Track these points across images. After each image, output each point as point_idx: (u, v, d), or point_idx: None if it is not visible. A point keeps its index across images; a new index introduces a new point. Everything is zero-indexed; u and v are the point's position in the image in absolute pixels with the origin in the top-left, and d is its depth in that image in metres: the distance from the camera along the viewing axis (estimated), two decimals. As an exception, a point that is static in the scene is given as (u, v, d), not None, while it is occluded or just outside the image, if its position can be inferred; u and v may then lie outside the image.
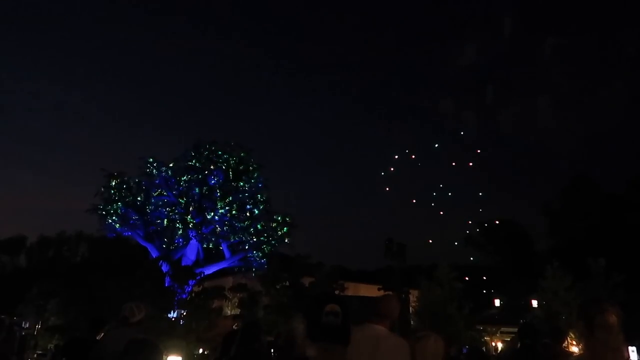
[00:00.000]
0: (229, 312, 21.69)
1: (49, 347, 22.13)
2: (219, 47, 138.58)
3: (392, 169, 29.24)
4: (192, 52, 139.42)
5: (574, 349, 13.62)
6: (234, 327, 11.03)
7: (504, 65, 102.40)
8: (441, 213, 29.70)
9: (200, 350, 15.63)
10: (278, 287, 20.71)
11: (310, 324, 2.34)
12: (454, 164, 30.16)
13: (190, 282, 18.24)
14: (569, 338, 15.01)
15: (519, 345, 5.87)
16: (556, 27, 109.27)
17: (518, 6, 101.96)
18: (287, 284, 21.00)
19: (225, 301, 20.78)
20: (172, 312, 16.89)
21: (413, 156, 28.64)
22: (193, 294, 17.17)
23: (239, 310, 20.18)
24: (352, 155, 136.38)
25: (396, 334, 3.93)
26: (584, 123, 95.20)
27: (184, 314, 16.51)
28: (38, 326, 28.58)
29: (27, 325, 30.61)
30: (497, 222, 42.07)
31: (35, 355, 20.65)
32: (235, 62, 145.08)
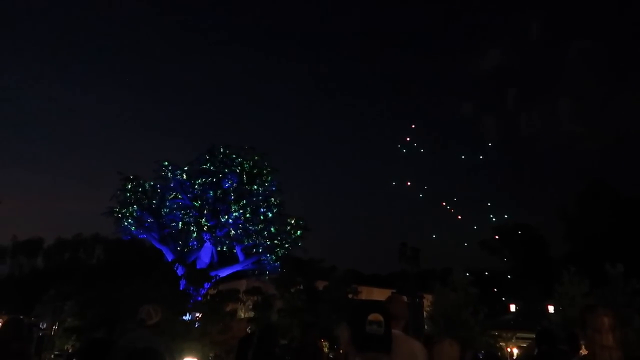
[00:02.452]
0: (242, 315, 21.76)
1: (65, 348, 22.41)
2: (233, 51, 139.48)
3: (407, 139, 29.02)
4: (207, 55, 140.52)
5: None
6: (247, 330, 11.07)
7: (524, 68, 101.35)
8: (459, 217, 29.48)
9: (214, 353, 15.67)
10: (292, 290, 20.69)
11: (354, 333, 2.41)
12: (463, 157, 29.95)
13: (206, 285, 18.35)
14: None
15: (536, 351, 5.81)
16: (577, 31, 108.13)
17: (541, 10, 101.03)
18: (301, 287, 20.99)
19: (240, 304, 20.87)
20: (187, 314, 17.01)
21: (422, 148, 28.38)
22: (208, 297, 17.27)
23: (253, 313, 20.23)
24: (368, 159, 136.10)
25: (413, 338, 3.92)
26: (602, 127, 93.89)
27: (199, 316, 16.60)
28: (55, 327, 28.95)
29: (45, 326, 31.06)
30: (513, 226, 41.68)
31: (52, 356, 20.92)
32: (251, 66, 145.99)
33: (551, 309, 22.66)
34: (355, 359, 2.38)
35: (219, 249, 26.47)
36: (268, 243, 26.06)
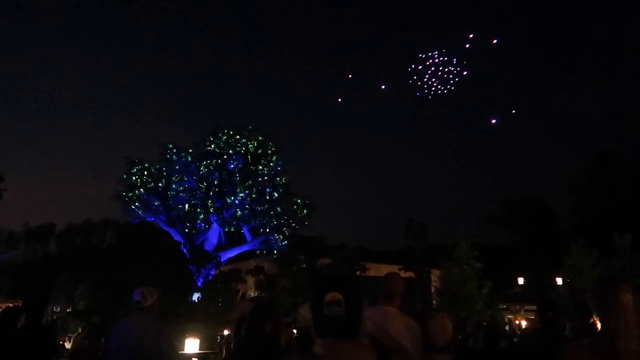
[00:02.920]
0: (252, 294, 21.94)
1: (78, 331, 22.80)
2: (235, 32, 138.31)
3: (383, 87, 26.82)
4: (209, 37, 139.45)
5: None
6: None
7: (536, 35, 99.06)
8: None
9: (226, 332, 15.88)
10: (294, 269, 20.73)
11: (313, 318, 2.04)
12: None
13: (208, 266, 18.45)
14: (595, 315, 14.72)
15: (540, 320, 5.74)
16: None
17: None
18: (304, 266, 21.02)
19: (246, 284, 21.03)
20: (193, 295, 17.17)
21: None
22: (209, 277, 17.39)
23: (257, 292, 20.38)
24: (376, 134, 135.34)
25: (406, 315, 3.87)
26: (612, 97, 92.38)
27: (200, 297, 16.70)
28: (69, 310, 29.43)
29: (59, 310, 31.60)
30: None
31: (65, 339, 21.32)
32: (255, 45, 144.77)
33: (559, 281, 22.65)
34: (316, 348, 2.00)
35: (226, 229, 26.58)
36: (275, 223, 26.12)
